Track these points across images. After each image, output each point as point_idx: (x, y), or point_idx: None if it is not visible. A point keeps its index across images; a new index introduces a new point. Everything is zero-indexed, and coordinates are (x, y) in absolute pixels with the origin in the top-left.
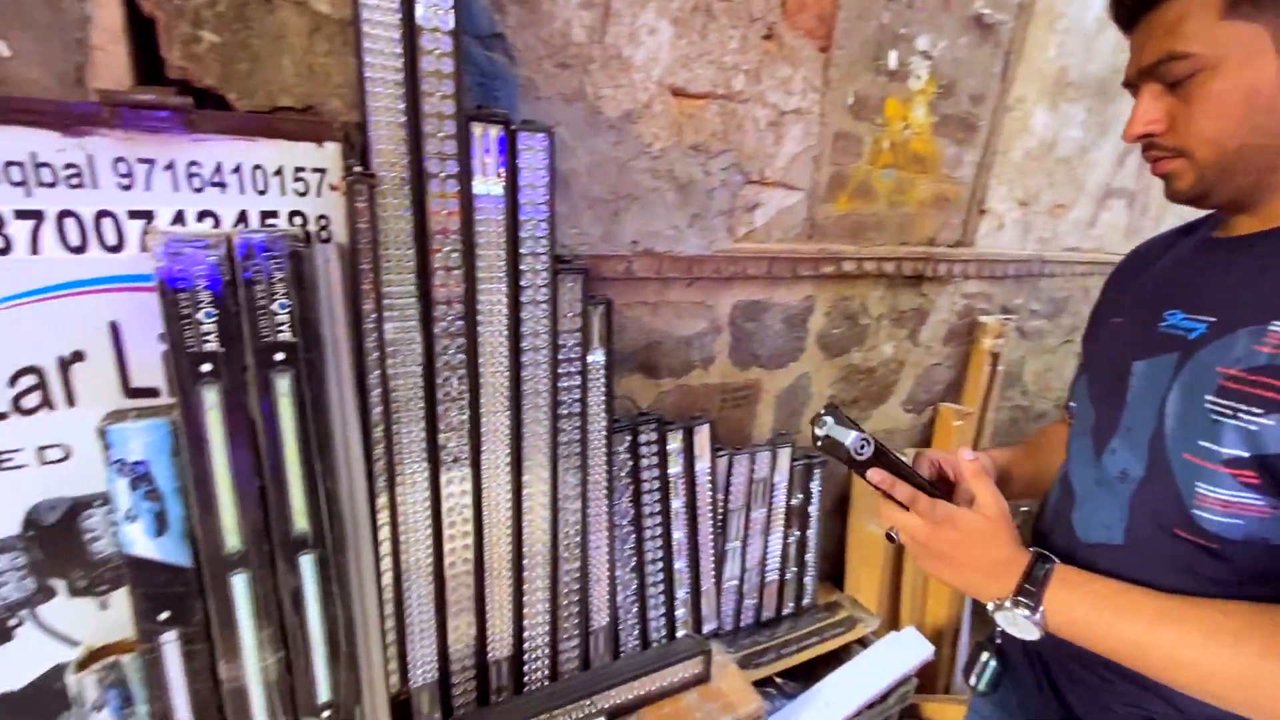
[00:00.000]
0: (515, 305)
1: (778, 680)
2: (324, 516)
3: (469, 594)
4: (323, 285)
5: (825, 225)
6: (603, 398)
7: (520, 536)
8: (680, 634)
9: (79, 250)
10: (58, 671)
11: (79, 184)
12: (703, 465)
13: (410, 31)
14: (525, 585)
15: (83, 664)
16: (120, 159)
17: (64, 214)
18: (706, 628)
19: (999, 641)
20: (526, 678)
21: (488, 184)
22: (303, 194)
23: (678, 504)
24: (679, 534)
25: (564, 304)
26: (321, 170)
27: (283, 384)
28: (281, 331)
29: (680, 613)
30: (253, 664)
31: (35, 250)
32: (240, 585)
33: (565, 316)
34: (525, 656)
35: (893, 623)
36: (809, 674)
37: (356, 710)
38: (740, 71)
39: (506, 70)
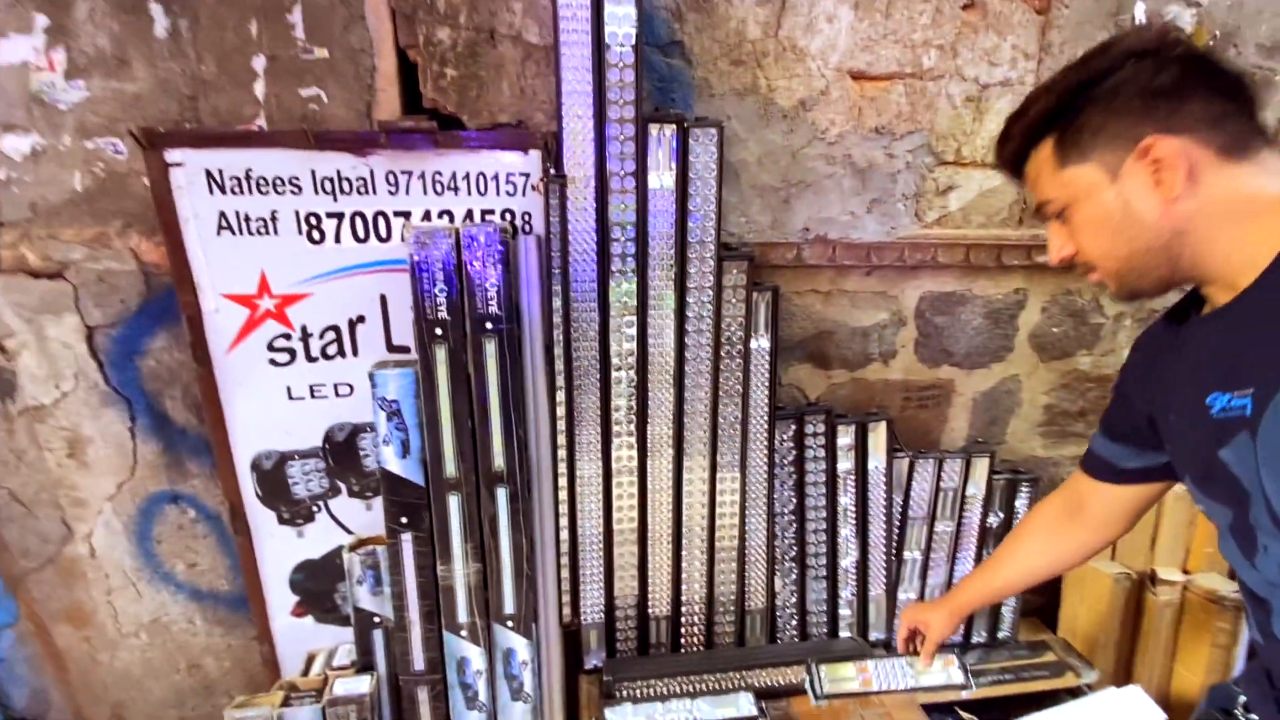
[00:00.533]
0: (682, 290)
1: (961, 712)
2: (516, 459)
3: (633, 551)
4: (524, 269)
5: None
6: (766, 384)
7: (680, 508)
8: (844, 635)
9: (363, 241)
10: (338, 551)
11: (365, 192)
12: (877, 464)
13: (599, 49)
14: (684, 554)
15: (353, 548)
16: (390, 172)
17: (355, 214)
18: (873, 635)
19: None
20: (683, 639)
21: (661, 178)
22: (512, 194)
23: (846, 500)
24: (846, 531)
25: (728, 290)
26: (526, 174)
27: (490, 347)
28: (492, 305)
29: (845, 613)
30: (460, 569)
31: (338, 240)
32: (454, 505)
33: (729, 302)
34: (682, 620)
35: (1117, 677)
36: (1001, 714)
37: (533, 626)
38: (932, 47)
39: (683, 73)
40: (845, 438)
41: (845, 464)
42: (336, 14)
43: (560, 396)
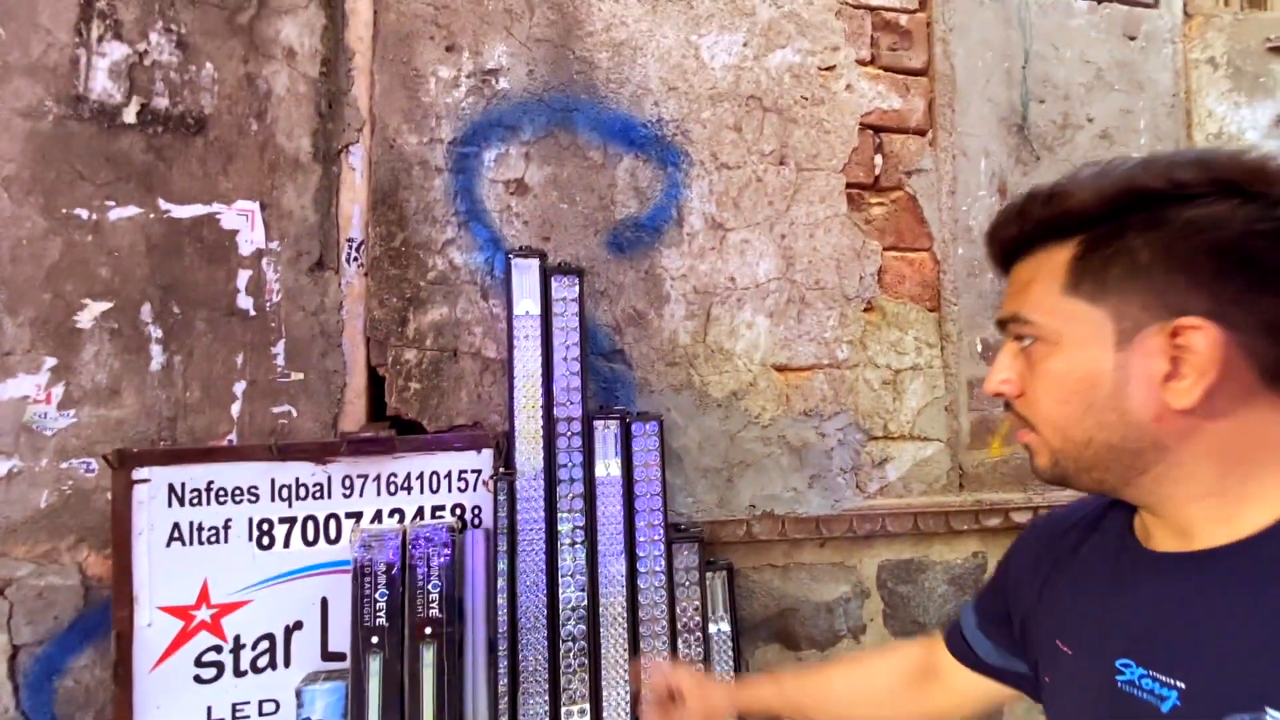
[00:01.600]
0: (633, 574)
1: None
2: None
3: None
4: (470, 564)
5: (979, 474)
6: (730, 670)
7: None
8: None
9: (312, 544)
10: None
11: (320, 496)
12: None
13: (548, 363)
14: None
15: None
16: (346, 476)
17: (308, 518)
18: None
19: None
20: None
21: (608, 467)
22: (464, 490)
23: None
24: None
25: (680, 572)
26: (478, 470)
27: (429, 655)
28: (433, 608)
29: None
30: None
31: (287, 545)
32: None
33: (683, 585)
34: None
35: None
36: None
37: None
38: (843, 343)
39: (625, 375)
40: None
41: None
42: (316, 344)
43: (502, 706)
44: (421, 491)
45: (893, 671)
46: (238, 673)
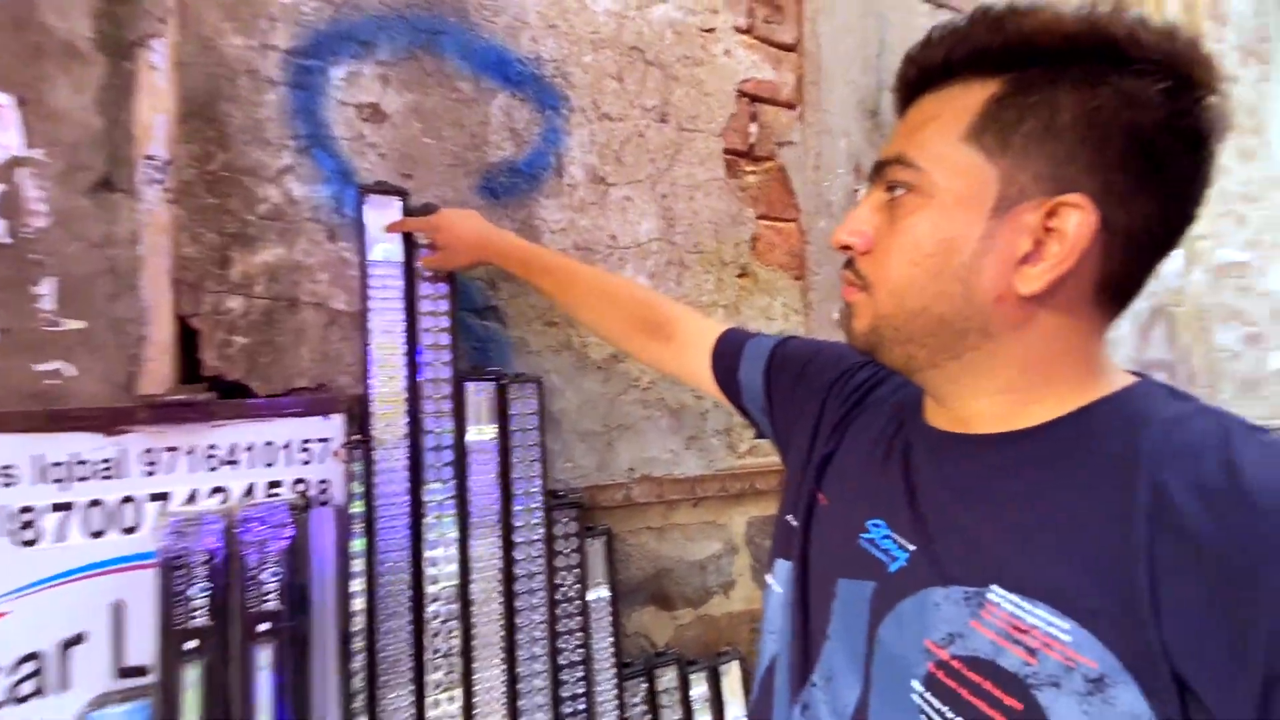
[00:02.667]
0: (508, 546)
1: None
2: None
3: None
4: (317, 549)
5: None
6: (610, 640)
7: None
8: None
9: (99, 535)
10: None
11: (109, 475)
12: (735, 715)
13: (412, 318)
14: None
15: None
16: (148, 449)
17: (91, 503)
18: None
19: None
20: None
21: (481, 431)
22: (307, 463)
23: None
24: None
25: (559, 540)
26: (326, 439)
27: (264, 657)
28: (268, 600)
29: None
30: None
31: (62, 539)
32: None
33: (562, 553)
34: None
35: None
36: None
37: None
38: (719, 306)
39: (500, 333)
40: (699, 687)
41: (704, 718)
42: (101, 284)
43: (359, 704)
44: (252, 466)
45: (634, 307)
46: None
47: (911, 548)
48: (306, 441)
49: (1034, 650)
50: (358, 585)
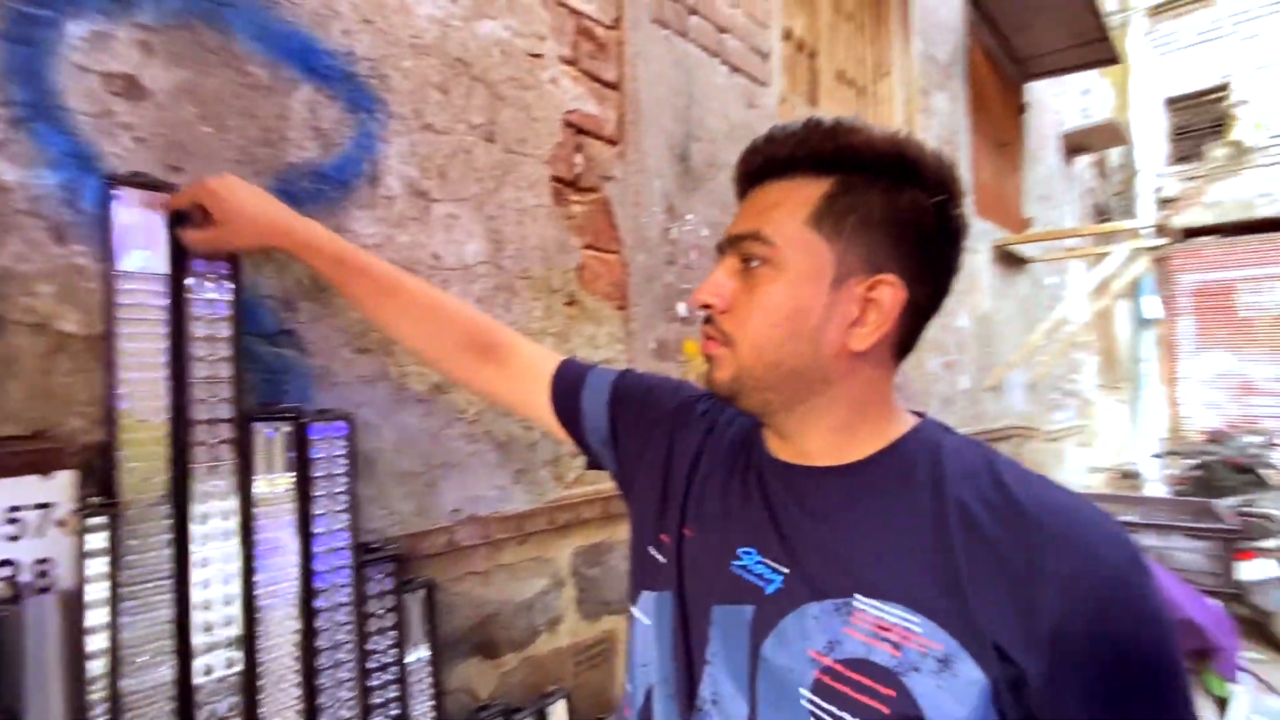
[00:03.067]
0: (309, 617)
1: None
2: None
3: None
4: (33, 651)
5: None
6: (430, 704)
7: None
8: None
9: None
10: None
11: None
12: None
13: (179, 345)
14: None
15: None
16: None
17: None
18: None
19: None
20: None
21: (273, 483)
22: (16, 538)
23: None
24: None
25: (373, 601)
26: (46, 505)
27: None
28: None
29: None
30: None
31: None
32: None
33: (374, 615)
34: None
35: None
36: None
37: None
38: (549, 335)
39: (299, 362)
40: None
41: None
42: None
43: None
44: None
45: (465, 325)
46: None
47: (785, 570)
48: (16, 509)
49: (898, 644)
50: (98, 692)
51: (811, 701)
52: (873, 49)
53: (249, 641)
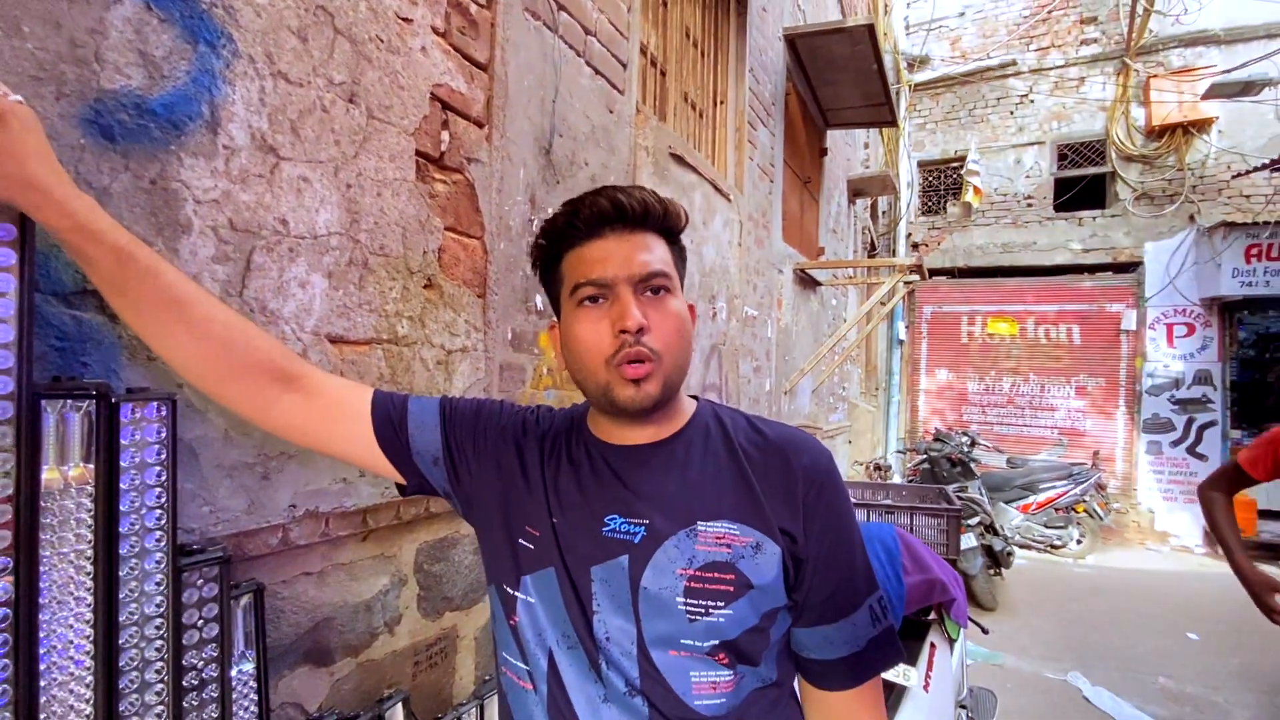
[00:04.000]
0: (111, 631)
1: None
2: None
3: None
4: None
5: None
6: None
7: None
8: None
9: None
10: None
11: None
12: None
13: None
14: None
15: None
16: None
17: None
18: None
19: None
20: None
21: (65, 474)
22: None
23: None
24: None
25: (190, 610)
26: None
27: None
28: None
29: None
30: None
31: None
32: None
33: (193, 626)
34: None
35: None
36: None
37: None
38: (404, 318)
39: (104, 330)
40: None
41: None
42: None
43: None
44: None
45: (268, 349)
46: None
47: (646, 521)
48: None
49: (730, 545)
50: None
51: (684, 603)
52: (712, 77)
53: (28, 668)
